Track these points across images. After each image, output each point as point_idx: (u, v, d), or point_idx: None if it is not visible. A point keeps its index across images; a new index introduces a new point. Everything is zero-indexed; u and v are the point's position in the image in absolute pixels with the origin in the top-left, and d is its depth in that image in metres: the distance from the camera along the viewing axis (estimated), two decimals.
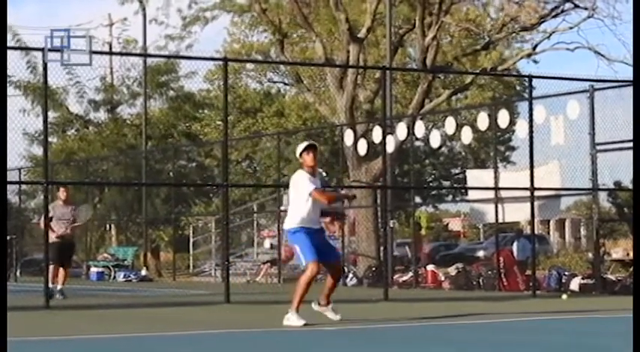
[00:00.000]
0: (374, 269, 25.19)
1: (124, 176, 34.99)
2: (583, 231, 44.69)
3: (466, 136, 22.05)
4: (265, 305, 16.26)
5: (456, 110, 38.11)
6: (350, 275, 25.68)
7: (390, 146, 23.22)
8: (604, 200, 23.74)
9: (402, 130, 24.30)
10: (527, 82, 22.06)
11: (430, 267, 24.41)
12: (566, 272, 21.86)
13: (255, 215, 33.26)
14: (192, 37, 35.10)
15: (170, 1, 32.73)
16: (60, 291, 17.80)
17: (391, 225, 24.54)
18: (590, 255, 23.28)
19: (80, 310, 15.22)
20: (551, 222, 46.34)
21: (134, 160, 36.04)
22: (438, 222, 51.79)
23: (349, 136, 25.48)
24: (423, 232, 34.34)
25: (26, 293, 18.92)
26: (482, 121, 20.95)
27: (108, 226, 38.93)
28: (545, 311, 14.13)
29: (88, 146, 38.28)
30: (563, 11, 28.97)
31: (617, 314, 13.17)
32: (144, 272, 31.30)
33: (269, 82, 50.45)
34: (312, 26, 29.36)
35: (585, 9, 28.84)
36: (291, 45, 36.09)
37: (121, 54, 48.44)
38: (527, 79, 21.24)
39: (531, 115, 18.88)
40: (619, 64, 28.93)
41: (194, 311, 15.39)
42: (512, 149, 45.66)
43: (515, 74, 37.85)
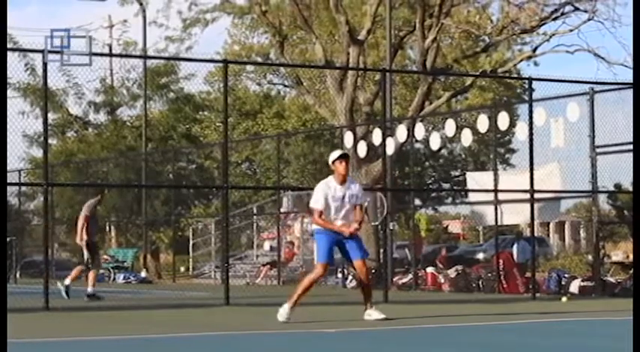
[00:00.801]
0: (373, 271, 25.15)
1: (124, 178, 34.98)
2: (583, 234, 44.70)
3: (466, 138, 22.04)
4: (265, 307, 16.20)
5: (456, 112, 38.08)
6: (349, 277, 25.68)
7: (390, 148, 23.22)
8: (604, 202, 23.68)
9: (401, 132, 24.30)
10: (527, 84, 22.05)
11: (430, 269, 24.40)
12: (566, 275, 21.86)
13: (255, 217, 33.26)
14: (192, 39, 35.07)
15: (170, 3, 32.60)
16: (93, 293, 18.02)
17: (391, 227, 24.54)
18: (590, 257, 23.29)
19: (80, 312, 15.21)
20: (551, 225, 46.37)
21: (134, 162, 35.99)
22: (437, 225, 51.71)
23: (349, 138, 25.47)
24: (422, 234, 34.28)
25: (26, 295, 18.89)
26: (482, 123, 20.96)
27: (108, 228, 38.91)
28: (545, 313, 14.14)
29: (87, 148, 38.28)
30: (563, 14, 28.99)
31: (617, 317, 13.17)
32: (143, 274, 31.27)
33: (269, 83, 50.47)
34: (312, 28, 29.39)
35: (585, 12, 28.85)
36: (291, 47, 36.11)
37: (121, 56, 48.37)
38: (527, 81, 21.22)
39: (531, 118, 18.87)
40: (619, 66, 28.88)
41: (194, 313, 15.38)
42: (512, 151, 45.57)
43: (516, 76, 37.82)
